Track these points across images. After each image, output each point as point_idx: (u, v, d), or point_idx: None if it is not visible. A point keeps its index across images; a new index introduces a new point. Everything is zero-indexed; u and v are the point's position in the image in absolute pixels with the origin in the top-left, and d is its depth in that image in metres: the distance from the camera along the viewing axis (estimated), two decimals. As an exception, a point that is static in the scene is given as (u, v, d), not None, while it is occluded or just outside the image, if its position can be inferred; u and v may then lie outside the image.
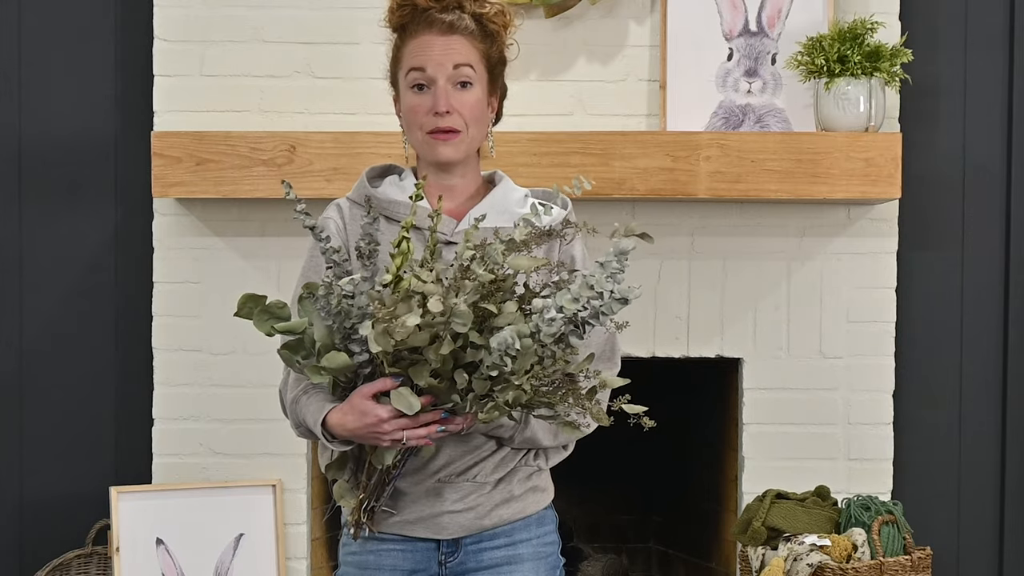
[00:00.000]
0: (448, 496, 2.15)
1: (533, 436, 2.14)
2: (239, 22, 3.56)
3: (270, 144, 3.39)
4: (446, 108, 2.14)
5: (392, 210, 2.20)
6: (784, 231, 3.59)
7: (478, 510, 2.16)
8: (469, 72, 2.15)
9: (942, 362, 3.73)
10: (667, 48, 3.55)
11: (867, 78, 3.37)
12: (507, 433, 2.13)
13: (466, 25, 2.16)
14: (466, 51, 2.15)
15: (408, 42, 2.17)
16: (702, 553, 3.95)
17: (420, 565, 2.18)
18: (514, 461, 2.18)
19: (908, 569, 3.22)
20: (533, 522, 2.21)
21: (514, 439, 2.14)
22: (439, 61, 2.14)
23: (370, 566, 2.19)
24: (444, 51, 2.14)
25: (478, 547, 2.18)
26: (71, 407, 3.69)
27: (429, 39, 2.15)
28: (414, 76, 2.16)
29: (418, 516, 2.16)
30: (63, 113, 3.67)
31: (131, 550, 3.41)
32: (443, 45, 2.14)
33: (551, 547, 2.24)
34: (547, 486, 2.26)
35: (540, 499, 2.23)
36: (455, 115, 2.15)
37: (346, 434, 2.03)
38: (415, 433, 1.99)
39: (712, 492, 3.86)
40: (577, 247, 2.21)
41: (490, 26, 2.18)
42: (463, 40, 2.15)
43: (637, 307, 3.57)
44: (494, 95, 2.22)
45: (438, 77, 2.14)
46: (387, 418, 1.98)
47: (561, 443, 2.20)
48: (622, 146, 3.38)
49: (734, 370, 3.65)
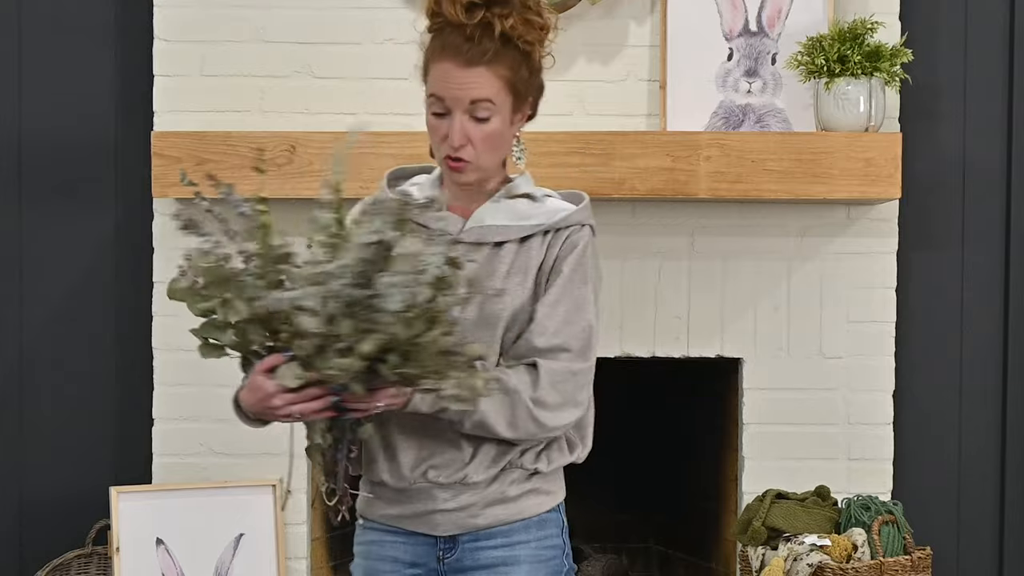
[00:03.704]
0: (439, 495, 2.17)
1: (484, 420, 2.10)
2: (239, 22, 3.56)
3: (270, 144, 3.39)
4: (460, 143, 2.13)
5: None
6: (784, 231, 3.59)
7: (471, 509, 2.17)
8: (488, 106, 2.12)
9: (942, 362, 3.73)
10: (667, 48, 3.55)
11: (867, 78, 3.37)
12: (455, 416, 2.10)
13: (492, 53, 2.11)
14: (487, 84, 2.11)
15: (433, 62, 2.15)
16: (702, 553, 3.95)
17: (420, 559, 2.21)
18: (504, 460, 2.16)
19: (908, 569, 3.22)
20: (533, 524, 2.20)
21: (464, 423, 2.10)
22: (456, 95, 2.11)
23: (374, 556, 2.24)
24: (462, 85, 2.11)
25: (475, 545, 2.19)
26: (71, 407, 3.69)
27: (450, 69, 2.11)
28: (432, 101, 2.15)
29: (413, 512, 2.19)
30: (63, 113, 3.67)
31: (131, 550, 3.41)
32: (462, 78, 2.11)
33: (553, 551, 2.22)
34: (551, 489, 2.23)
35: (541, 502, 2.22)
36: (468, 147, 2.14)
37: (249, 410, 2.07)
38: (305, 408, 1.99)
39: (712, 492, 3.86)
40: (567, 264, 2.17)
41: (523, 45, 2.14)
42: (486, 72, 2.11)
43: (637, 307, 3.57)
44: (520, 111, 2.19)
45: (455, 109, 2.13)
46: (273, 392, 1.99)
47: (523, 435, 2.13)
48: (622, 146, 3.38)
49: (734, 370, 3.65)
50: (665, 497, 4.18)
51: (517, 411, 2.10)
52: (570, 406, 2.14)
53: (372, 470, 2.22)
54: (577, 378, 2.14)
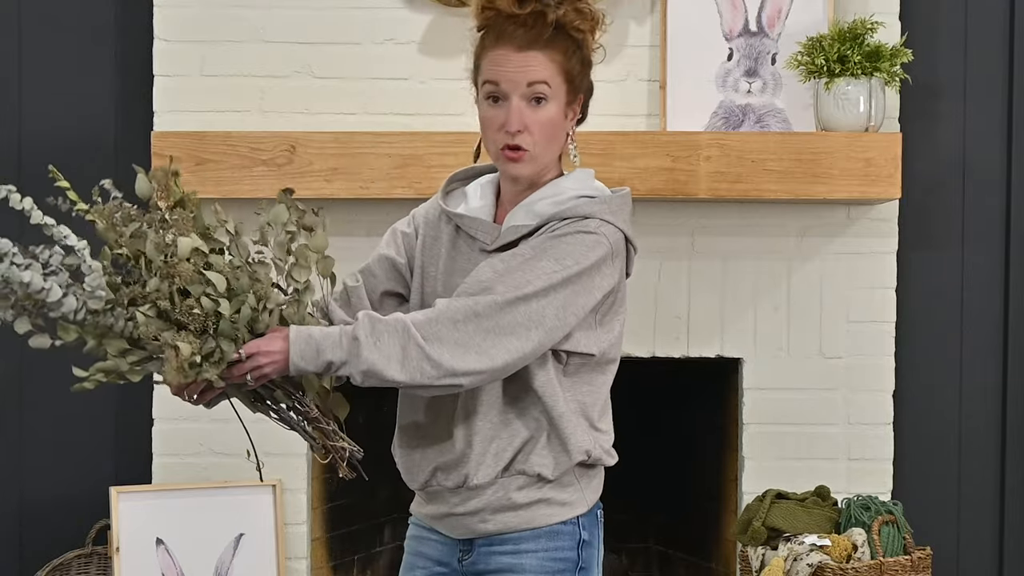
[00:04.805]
0: (450, 499, 2.19)
1: (371, 368, 2.00)
2: (239, 22, 3.56)
3: (270, 144, 3.39)
4: (518, 127, 2.12)
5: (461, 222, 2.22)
6: (784, 231, 3.59)
7: (480, 515, 2.18)
8: (544, 89, 2.12)
9: (942, 362, 3.73)
10: (667, 48, 3.55)
11: (867, 78, 3.38)
12: (345, 372, 2.02)
13: (547, 38, 2.12)
14: (543, 67, 2.12)
15: (487, 52, 2.15)
16: (702, 553, 3.95)
17: (445, 558, 2.25)
18: (504, 459, 2.15)
19: (908, 569, 3.22)
20: (543, 535, 2.18)
21: (354, 376, 2.02)
22: (513, 78, 2.12)
23: (412, 551, 2.31)
24: (519, 68, 2.11)
25: (488, 550, 2.20)
26: (71, 407, 3.68)
27: (506, 54, 2.12)
28: (489, 88, 2.14)
29: (437, 512, 2.23)
30: (63, 113, 3.67)
31: (131, 550, 3.41)
32: (519, 62, 2.11)
33: (563, 563, 2.19)
34: (567, 500, 2.20)
35: (553, 513, 2.19)
36: (526, 134, 2.13)
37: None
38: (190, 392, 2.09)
39: (712, 492, 3.85)
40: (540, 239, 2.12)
41: (575, 34, 2.15)
42: (541, 56, 2.12)
43: (637, 307, 3.57)
44: (574, 103, 2.18)
45: (512, 94, 2.12)
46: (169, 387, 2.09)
47: (418, 376, 2.01)
48: (622, 146, 3.38)
49: (734, 370, 3.65)
50: (665, 497, 4.18)
51: (408, 350, 1.99)
52: (473, 352, 2.01)
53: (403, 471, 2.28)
54: (481, 321, 2.02)
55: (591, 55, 2.20)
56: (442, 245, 2.23)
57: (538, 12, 2.12)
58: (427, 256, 2.24)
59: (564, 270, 2.07)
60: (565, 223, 2.12)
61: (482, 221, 2.19)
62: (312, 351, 2.00)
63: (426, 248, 2.25)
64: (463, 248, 2.20)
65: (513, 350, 2.04)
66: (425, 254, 2.25)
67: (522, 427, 2.15)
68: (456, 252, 2.21)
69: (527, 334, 2.04)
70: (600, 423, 2.21)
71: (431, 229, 2.26)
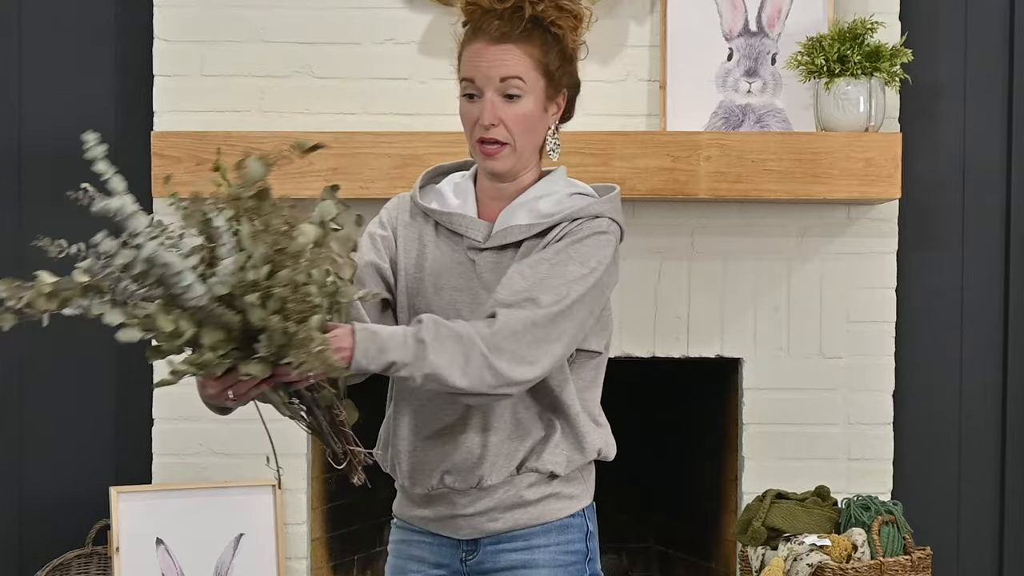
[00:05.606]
0: (458, 501, 2.18)
1: (435, 371, 1.97)
2: (239, 22, 3.56)
3: (270, 144, 3.38)
4: (491, 121, 2.12)
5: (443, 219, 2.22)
6: (784, 231, 3.59)
7: (490, 514, 2.18)
8: (518, 83, 2.12)
9: (942, 362, 3.73)
10: (667, 48, 3.55)
11: (867, 78, 3.37)
12: (406, 373, 1.98)
13: (522, 32, 2.11)
14: (516, 61, 2.12)
15: (466, 47, 2.16)
16: (702, 553, 3.95)
17: (444, 560, 2.23)
18: (516, 458, 2.15)
19: (908, 569, 3.22)
20: (553, 529, 2.19)
21: (415, 379, 1.99)
22: (486, 73, 2.12)
23: (403, 555, 2.28)
24: (492, 62, 2.11)
25: (496, 548, 2.19)
26: (71, 407, 3.69)
27: (481, 48, 2.12)
28: (465, 85, 2.15)
29: (437, 515, 2.20)
30: (63, 113, 3.67)
31: (131, 550, 3.41)
32: (493, 55, 2.11)
33: (574, 556, 2.21)
34: (575, 494, 2.21)
35: (563, 507, 2.20)
36: (501, 127, 2.13)
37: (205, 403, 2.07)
38: (236, 390, 1.92)
39: (712, 492, 3.85)
40: (564, 241, 2.11)
41: (554, 29, 2.14)
42: (515, 49, 2.12)
43: (637, 307, 3.57)
44: (555, 98, 2.18)
45: (485, 89, 2.12)
46: (203, 383, 1.97)
47: (478, 384, 2.00)
48: (622, 146, 3.38)
49: (734, 370, 3.65)
50: (665, 497, 4.18)
51: (471, 358, 1.98)
52: (527, 363, 2.02)
53: (396, 473, 2.23)
54: (536, 332, 2.03)
55: (574, 51, 2.19)
56: (424, 244, 2.22)
57: (516, 7, 2.12)
58: (409, 256, 2.23)
59: (591, 273, 2.10)
60: (577, 223, 2.13)
61: (469, 218, 2.19)
62: (376, 349, 1.95)
63: (408, 248, 2.24)
64: (447, 246, 2.20)
65: (553, 356, 2.06)
66: (407, 254, 2.23)
67: (536, 427, 2.17)
68: (440, 250, 2.20)
69: (565, 340, 2.07)
70: (600, 417, 2.24)
71: (409, 229, 2.24)
